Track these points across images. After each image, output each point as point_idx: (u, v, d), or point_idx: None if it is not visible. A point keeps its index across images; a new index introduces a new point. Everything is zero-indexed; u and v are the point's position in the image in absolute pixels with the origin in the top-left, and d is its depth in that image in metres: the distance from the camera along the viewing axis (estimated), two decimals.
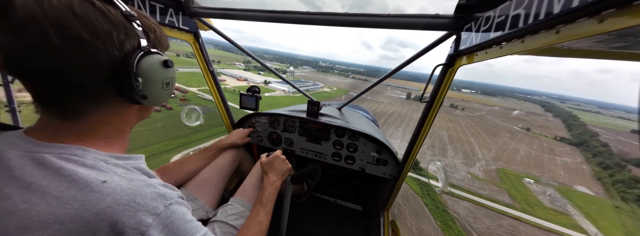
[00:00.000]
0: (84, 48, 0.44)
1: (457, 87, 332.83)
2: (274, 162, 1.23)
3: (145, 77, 0.53)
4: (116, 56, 0.49)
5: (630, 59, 0.63)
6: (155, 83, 0.56)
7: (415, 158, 1.46)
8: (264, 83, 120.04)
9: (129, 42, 0.50)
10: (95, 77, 0.48)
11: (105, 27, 0.46)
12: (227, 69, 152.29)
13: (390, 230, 1.68)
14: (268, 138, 1.91)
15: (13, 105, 1.37)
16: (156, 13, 1.18)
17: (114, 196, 0.44)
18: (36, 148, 0.48)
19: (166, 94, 0.60)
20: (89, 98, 0.51)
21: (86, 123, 0.52)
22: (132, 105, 0.58)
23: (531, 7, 0.57)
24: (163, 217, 0.48)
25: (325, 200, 2.15)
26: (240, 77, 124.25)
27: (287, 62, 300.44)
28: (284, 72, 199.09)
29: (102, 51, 0.47)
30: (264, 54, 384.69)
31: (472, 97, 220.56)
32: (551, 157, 66.47)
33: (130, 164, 0.56)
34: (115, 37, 0.48)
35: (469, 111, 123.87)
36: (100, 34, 0.46)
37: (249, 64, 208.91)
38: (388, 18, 1.06)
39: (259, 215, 1.00)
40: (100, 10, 0.46)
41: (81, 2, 0.44)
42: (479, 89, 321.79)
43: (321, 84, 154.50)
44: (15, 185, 0.43)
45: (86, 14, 0.44)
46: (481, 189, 41.01)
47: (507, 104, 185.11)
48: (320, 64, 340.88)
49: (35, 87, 0.48)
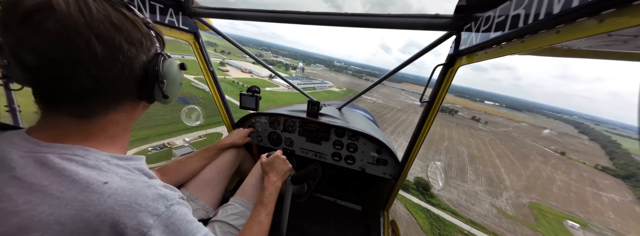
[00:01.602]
0: (123, 56, 0.48)
1: (480, 98, 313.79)
2: (274, 162, 1.22)
3: (169, 79, 0.59)
4: (144, 61, 0.54)
5: (630, 59, 0.63)
6: (175, 84, 0.63)
7: (415, 158, 1.45)
8: (269, 77, 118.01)
9: (152, 48, 0.56)
10: (127, 81, 0.52)
11: (138, 36, 0.51)
12: (234, 61, 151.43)
13: (390, 229, 1.68)
14: (268, 138, 1.90)
15: (13, 105, 1.36)
16: (156, 13, 1.18)
17: (116, 197, 0.45)
18: (38, 148, 0.48)
19: (178, 93, 0.67)
20: (112, 99, 0.53)
21: (100, 122, 0.54)
22: (141, 103, 0.61)
23: (531, 7, 0.57)
24: (164, 218, 0.48)
25: (325, 200, 2.15)
26: (245, 69, 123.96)
27: (301, 59, 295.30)
28: (294, 68, 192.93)
29: (136, 58, 0.51)
30: (279, 50, 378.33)
31: (496, 110, 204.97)
32: (595, 192, 55.18)
33: (131, 165, 0.56)
34: (145, 45, 0.53)
35: (492, 126, 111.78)
36: (135, 42, 0.50)
37: (261, 58, 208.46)
38: (388, 18, 1.06)
39: (260, 216, 1.00)
40: (131, 21, 0.50)
41: (117, 13, 0.47)
42: (504, 102, 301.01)
43: (330, 83, 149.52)
44: (17, 185, 0.43)
45: (123, 24, 0.47)
46: (511, 232, 30.95)
47: (535, 121, 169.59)
48: (335, 64, 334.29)
49: (63, 91, 0.47)
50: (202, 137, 39.74)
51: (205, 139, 38.21)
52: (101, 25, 0.44)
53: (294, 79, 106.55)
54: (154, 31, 0.57)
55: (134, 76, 0.53)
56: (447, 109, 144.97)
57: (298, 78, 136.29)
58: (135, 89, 0.55)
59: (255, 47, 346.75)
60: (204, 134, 40.45)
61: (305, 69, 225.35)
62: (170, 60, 0.60)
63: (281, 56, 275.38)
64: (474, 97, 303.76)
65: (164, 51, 0.61)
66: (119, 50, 0.47)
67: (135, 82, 0.54)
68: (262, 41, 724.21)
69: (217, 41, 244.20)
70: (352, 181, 2.20)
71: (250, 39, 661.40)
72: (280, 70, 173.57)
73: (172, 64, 0.60)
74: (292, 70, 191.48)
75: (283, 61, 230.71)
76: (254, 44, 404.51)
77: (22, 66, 0.45)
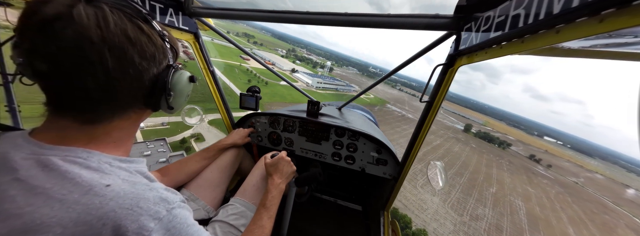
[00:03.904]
0: (134, 69, 0.49)
1: (538, 132, 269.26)
2: (279, 164, 1.21)
3: (176, 91, 0.60)
4: (154, 73, 0.54)
5: (630, 59, 0.63)
6: (182, 96, 0.63)
7: (415, 158, 1.45)
8: (291, 71, 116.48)
9: (164, 60, 0.56)
10: (135, 92, 0.53)
11: (151, 50, 0.51)
12: (260, 51, 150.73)
13: (390, 229, 1.68)
14: (268, 137, 1.90)
15: (13, 105, 1.36)
16: (156, 13, 1.18)
17: (118, 200, 0.45)
18: (41, 150, 0.48)
19: (185, 104, 0.69)
20: (118, 107, 0.54)
21: (105, 128, 0.54)
22: (147, 110, 0.61)
23: (531, 7, 0.57)
24: (165, 221, 0.48)
25: (325, 200, 2.15)
26: (268, 60, 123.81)
27: (334, 59, 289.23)
28: (322, 67, 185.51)
29: (146, 71, 0.52)
30: (316, 49, 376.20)
31: (560, 151, 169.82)
32: None
33: (133, 167, 0.57)
34: (157, 58, 0.54)
35: (557, 172, 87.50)
36: (147, 56, 0.51)
37: (291, 52, 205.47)
38: (388, 18, 1.07)
39: (262, 219, 0.99)
40: (146, 35, 0.50)
41: (133, 27, 0.47)
42: (568, 143, 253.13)
43: (356, 87, 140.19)
44: (20, 188, 0.44)
45: (138, 38, 0.48)
46: None
47: (613, 173, 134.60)
48: (370, 69, 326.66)
49: (72, 97, 0.48)
50: (165, 125, 35.73)
51: (167, 128, 34.67)
52: (116, 38, 0.45)
53: (316, 77, 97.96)
54: (169, 43, 0.57)
55: (142, 87, 0.54)
56: (497, 140, 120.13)
57: (321, 77, 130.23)
58: (143, 98, 0.56)
59: (292, 43, 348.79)
60: (167, 122, 36.34)
61: (336, 70, 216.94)
62: (181, 72, 0.61)
63: (315, 54, 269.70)
64: (531, 130, 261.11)
65: (176, 62, 0.62)
66: (131, 63, 0.48)
67: (144, 92, 0.55)
68: (301, 39, 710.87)
69: (255, 33, 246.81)
70: (352, 181, 2.19)
71: (289, 35, 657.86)
72: (307, 67, 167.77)
73: (181, 76, 0.61)
74: (319, 68, 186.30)
75: (313, 58, 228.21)
76: (292, 41, 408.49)
77: (33, 71, 0.45)
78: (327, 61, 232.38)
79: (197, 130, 37.91)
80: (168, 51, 0.57)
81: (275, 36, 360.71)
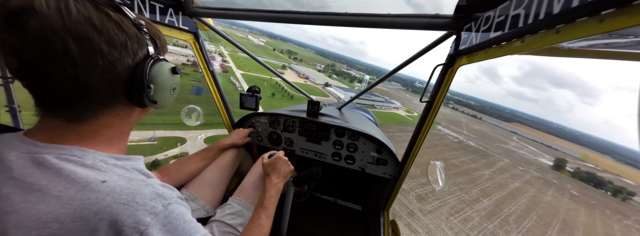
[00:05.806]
0: (103, 59, 0.46)
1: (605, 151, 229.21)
2: (276, 163, 1.22)
3: (157, 84, 0.56)
4: (130, 64, 0.51)
5: (630, 59, 0.63)
6: (165, 89, 0.59)
7: (415, 158, 1.46)
8: (324, 85, 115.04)
9: (140, 50, 0.53)
10: (110, 85, 0.50)
11: (121, 38, 0.48)
12: (298, 66, 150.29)
13: (390, 229, 1.68)
14: (268, 137, 1.91)
15: (13, 105, 1.35)
16: (156, 13, 1.19)
17: (114, 195, 0.45)
18: (36, 148, 0.48)
19: (172, 99, 0.64)
20: (100, 103, 0.52)
21: (92, 126, 0.53)
22: (136, 108, 0.59)
23: (531, 7, 0.58)
24: (161, 216, 0.48)
25: (325, 200, 2.16)
26: (302, 74, 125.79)
27: (376, 75, 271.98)
28: (360, 82, 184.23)
29: (118, 61, 0.49)
30: (357, 65, 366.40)
31: None
32: None
33: (129, 165, 0.57)
34: (130, 47, 0.50)
35: None
36: (117, 45, 0.47)
37: (330, 67, 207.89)
38: (388, 18, 1.07)
39: (260, 218, 1.00)
40: (115, 22, 0.47)
41: (98, 14, 0.45)
42: None
43: (398, 104, 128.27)
44: (15, 186, 0.44)
45: (104, 26, 0.45)
46: None
47: None
48: (416, 85, 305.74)
49: (47, 94, 0.47)
50: (153, 140, 33.00)
51: (154, 144, 32.42)
52: (79, 26, 0.42)
53: (349, 92, 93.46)
54: (146, 33, 0.54)
55: (118, 80, 0.51)
56: (609, 185, 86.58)
57: (357, 92, 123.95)
58: (123, 94, 0.53)
59: (333, 59, 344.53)
60: (155, 138, 33.23)
61: (378, 85, 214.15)
62: (161, 63, 0.56)
63: (355, 69, 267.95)
64: (605, 153, 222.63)
65: (162, 54, 0.60)
66: (98, 53, 0.45)
67: (121, 86, 0.52)
68: (343, 55, 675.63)
69: (298, 50, 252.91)
70: (352, 181, 2.20)
71: (331, 52, 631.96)
72: (344, 81, 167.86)
73: (161, 67, 0.56)
74: (357, 83, 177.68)
75: (352, 72, 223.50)
76: (333, 57, 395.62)
77: (8, 68, 0.45)
78: (365, 75, 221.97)
79: (186, 149, 32.64)
80: (145, 41, 0.53)
81: (317, 53, 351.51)
